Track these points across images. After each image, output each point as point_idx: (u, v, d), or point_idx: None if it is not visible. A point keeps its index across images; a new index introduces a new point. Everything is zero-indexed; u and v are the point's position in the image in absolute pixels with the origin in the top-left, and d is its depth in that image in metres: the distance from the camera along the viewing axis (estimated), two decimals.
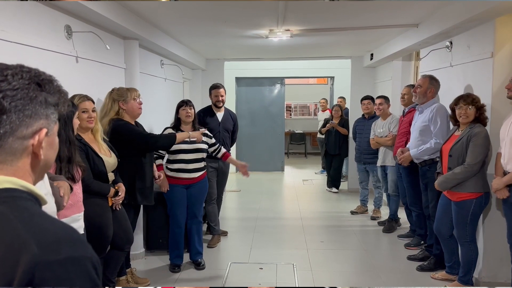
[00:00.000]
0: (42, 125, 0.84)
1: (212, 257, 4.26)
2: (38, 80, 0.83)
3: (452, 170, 3.24)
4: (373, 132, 5.21)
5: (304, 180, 8.40)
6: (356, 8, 3.61)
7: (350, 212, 5.84)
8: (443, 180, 3.29)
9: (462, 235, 3.31)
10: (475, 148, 3.14)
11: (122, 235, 2.96)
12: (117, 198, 2.91)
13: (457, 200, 3.26)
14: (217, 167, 4.56)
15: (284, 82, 9.32)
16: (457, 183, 3.21)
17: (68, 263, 0.72)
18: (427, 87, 3.85)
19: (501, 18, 3.17)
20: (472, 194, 3.19)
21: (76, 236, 0.79)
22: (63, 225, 0.81)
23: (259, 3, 3.45)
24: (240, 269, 3.92)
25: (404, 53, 5.49)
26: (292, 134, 11.94)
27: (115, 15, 3.24)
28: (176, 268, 3.85)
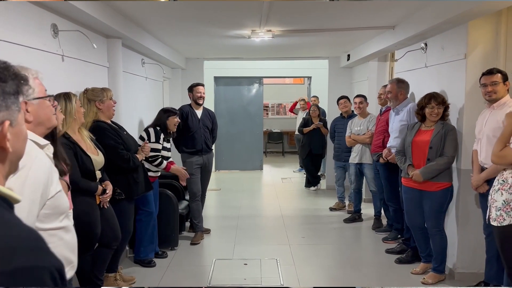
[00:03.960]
0: (3, 117, 0.80)
1: (196, 254, 4.31)
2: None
3: (436, 161, 3.42)
4: (350, 130, 5.36)
5: (283, 178, 8.52)
6: (336, 10, 3.73)
7: (329, 208, 6.00)
8: (427, 171, 3.45)
9: (435, 225, 3.50)
10: (453, 142, 3.42)
11: (109, 232, 2.98)
12: (104, 196, 2.93)
13: (436, 190, 3.45)
14: (202, 163, 4.61)
15: (262, 82, 9.42)
16: (439, 172, 3.42)
17: (18, 274, 0.67)
18: (396, 90, 4.09)
19: (474, 21, 3.35)
20: (447, 183, 3.46)
21: (34, 245, 0.74)
22: (21, 233, 0.75)
23: (244, 5, 3.53)
24: (225, 265, 3.98)
25: (380, 54, 5.66)
26: (270, 133, 12.06)
27: (100, 13, 3.25)
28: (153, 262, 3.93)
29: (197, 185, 4.60)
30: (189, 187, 4.63)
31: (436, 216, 3.50)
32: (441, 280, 3.54)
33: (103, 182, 2.96)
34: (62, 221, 1.49)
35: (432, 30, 3.72)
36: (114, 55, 3.99)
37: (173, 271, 3.85)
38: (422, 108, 3.55)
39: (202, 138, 4.58)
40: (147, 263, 3.90)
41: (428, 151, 3.48)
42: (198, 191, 4.61)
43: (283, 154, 12.29)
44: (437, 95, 3.51)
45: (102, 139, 3.11)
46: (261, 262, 4.01)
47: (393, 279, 3.68)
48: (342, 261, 4.16)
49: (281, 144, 12.32)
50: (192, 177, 4.55)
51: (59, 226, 1.48)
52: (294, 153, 11.79)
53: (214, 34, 4.89)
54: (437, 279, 3.54)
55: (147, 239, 3.89)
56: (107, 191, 2.94)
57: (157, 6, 3.57)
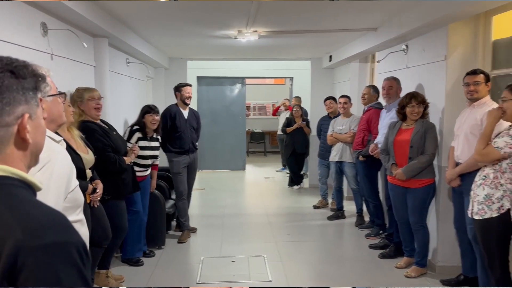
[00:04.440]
0: (23, 110, 0.85)
1: (184, 253, 4.34)
2: (11, 67, 0.85)
3: (417, 159, 3.55)
4: (332, 129, 5.48)
5: (266, 178, 8.60)
6: (321, 11, 3.82)
7: (313, 206, 6.11)
8: (410, 169, 3.58)
9: (418, 220, 3.63)
10: (433, 139, 3.56)
11: (100, 231, 2.98)
12: (95, 195, 2.93)
13: (419, 187, 3.58)
14: (188, 163, 4.64)
15: (245, 82, 9.48)
16: (421, 170, 3.55)
17: (51, 248, 0.73)
18: (396, 87, 4.18)
19: (453, 24, 3.50)
20: (430, 180, 3.59)
21: (62, 222, 0.81)
22: (51, 212, 0.82)
23: (232, 6, 3.58)
24: (213, 263, 4.02)
25: (362, 56, 5.81)
26: (252, 133, 12.13)
27: (88, 12, 3.25)
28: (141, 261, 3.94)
29: (184, 184, 4.62)
30: (175, 186, 4.65)
31: (419, 212, 3.63)
32: (423, 273, 3.68)
33: (93, 181, 2.97)
34: (78, 214, 1.53)
35: (413, 33, 3.86)
36: (100, 54, 3.98)
37: (161, 269, 3.86)
38: (403, 107, 3.68)
39: (189, 138, 4.61)
40: (135, 262, 3.91)
41: (409, 150, 3.60)
42: (184, 190, 4.64)
43: (265, 154, 12.38)
44: (417, 94, 3.65)
45: (89, 140, 3.10)
46: (248, 259, 4.07)
47: (377, 274, 3.80)
48: (327, 257, 4.26)
49: (263, 144, 12.40)
50: (179, 176, 4.57)
51: (77, 219, 1.52)
52: (276, 153, 11.89)
53: (201, 34, 4.92)
54: (420, 272, 3.67)
55: (135, 238, 3.89)
56: (97, 190, 2.95)
57: (145, 5, 3.58)
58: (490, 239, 2.61)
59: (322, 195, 6.16)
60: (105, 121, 3.51)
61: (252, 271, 3.81)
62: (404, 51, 4.35)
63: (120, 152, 3.47)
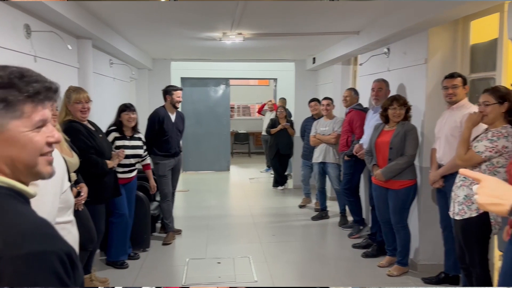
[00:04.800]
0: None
1: (169, 254, 4.34)
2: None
3: (395, 161, 3.62)
4: (315, 130, 5.55)
5: (250, 179, 8.63)
6: (305, 15, 3.87)
7: (298, 206, 6.19)
8: (388, 171, 3.66)
9: (399, 221, 3.71)
10: (413, 141, 3.60)
11: (85, 234, 2.94)
12: (79, 199, 2.91)
13: (399, 188, 3.65)
14: (173, 165, 4.63)
15: (229, 83, 9.49)
16: (400, 172, 3.61)
17: (30, 257, 0.73)
18: (385, 89, 4.24)
19: (433, 29, 3.59)
20: (410, 181, 3.65)
21: (44, 231, 0.80)
22: (34, 220, 0.82)
23: (217, 8, 3.60)
24: (198, 264, 4.03)
25: (345, 58, 5.89)
26: (236, 134, 12.15)
27: (72, 13, 3.22)
28: (125, 264, 3.92)
29: (169, 186, 4.62)
30: (160, 188, 4.64)
31: (400, 213, 3.70)
32: (405, 272, 3.76)
33: (78, 184, 2.95)
34: (70, 215, 1.54)
35: (394, 36, 3.94)
36: (84, 56, 3.95)
37: (146, 272, 3.86)
38: (385, 110, 3.75)
39: (175, 141, 4.61)
40: (119, 265, 3.89)
41: (388, 151, 3.68)
42: (169, 192, 4.63)
43: (249, 155, 12.41)
44: (399, 97, 3.73)
45: (73, 141, 3.07)
46: (234, 261, 4.09)
47: (360, 273, 3.87)
48: (312, 256, 4.31)
49: (247, 145, 12.43)
50: (164, 178, 4.57)
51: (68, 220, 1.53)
52: (260, 154, 11.93)
53: (185, 36, 4.92)
54: (402, 271, 3.75)
55: (120, 241, 3.87)
56: (82, 193, 2.93)
57: (129, 6, 3.57)
58: (470, 238, 2.69)
59: (306, 193, 6.26)
60: (93, 123, 3.49)
61: (238, 272, 3.84)
62: (386, 54, 4.44)
63: (105, 155, 3.45)
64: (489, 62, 3.38)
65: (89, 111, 3.32)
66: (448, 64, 3.64)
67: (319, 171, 5.52)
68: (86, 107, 3.28)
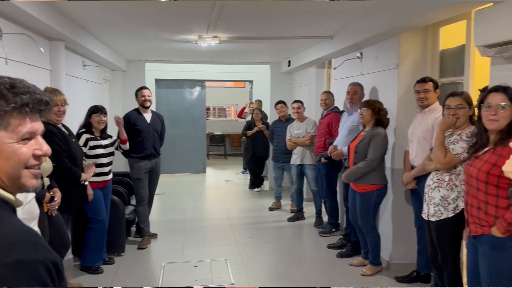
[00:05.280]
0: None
1: (144, 259, 4.30)
2: None
3: (356, 165, 3.72)
4: (289, 134, 5.62)
5: (226, 181, 8.63)
6: (280, 19, 3.92)
7: (268, 208, 6.23)
8: (349, 174, 3.78)
9: (365, 224, 3.79)
10: (375, 147, 3.66)
11: (59, 240, 2.92)
12: (52, 204, 2.87)
13: (362, 192, 3.74)
14: (150, 168, 4.59)
15: (204, 85, 9.47)
16: (360, 176, 3.70)
17: (16, 266, 0.74)
18: (360, 93, 4.34)
19: (404, 34, 3.70)
20: (373, 186, 3.71)
21: (30, 240, 0.80)
22: (20, 229, 0.82)
23: (193, 10, 3.60)
24: (175, 268, 4.01)
25: (319, 62, 5.99)
26: (212, 136, 12.12)
27: (44, 15, 3.16)
28: (100, 269, 3.87)
29: (145, 189, 4.58)
30: (136, 191, 4.60)
31: (364, 216, 3.77)
32: (378, 271, 3.84)
33: (51, 189, 2.90)
34: (34, 226, 1.51)
35: (367, 41, 4.04)
36: (57, 58, 3.88)
37: (122, 276, 3.81)
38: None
39: (151, 142, 4.56)
40: (94, 270, 3.84)
41: (354, 155, 3.78)
42: (145, 196, 4.59)
43: (225, 157, 12.40)
44: (368, 100, 3.84)
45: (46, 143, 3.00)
46: (211, 263, 4.10)
47: (335, 273, 3.94)
48: (288, 257, 4.36)
49: (223, 147, 12.42)
50: (140, 181, 4.52)
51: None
52: (236, 156, 11.96)
53: (160, 38, 4.89)
54: (375, 270, 3.83)
55: (97, 247, 3.82)
56: (56, 198, 2.89)
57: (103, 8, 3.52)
58: (445, 238, 2.75)
59: (277, 197, 6.31)
60: (67, 127, 3.43)
61: (215, 275, 3.84)
62: (359, 58, 4.54)
63: (76, 160, 3.38)
64: (457, 67, 3.51)
65: (64, 114, 3.27)
66: (419, 69, 3.76)
67: (297, 173, 5.58)
68: (62, 110, 3.23)
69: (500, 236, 2.07)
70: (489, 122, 2.19)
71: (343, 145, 4.32)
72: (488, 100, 2.19)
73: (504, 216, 2.07)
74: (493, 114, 2.16)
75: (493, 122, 2.17)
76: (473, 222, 2.27)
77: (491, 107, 2.17)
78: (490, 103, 2.17)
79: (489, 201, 2.16)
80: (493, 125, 2.18)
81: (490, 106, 2.17)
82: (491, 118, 2.17)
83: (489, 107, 2.18)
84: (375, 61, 4.23)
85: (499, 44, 2.28)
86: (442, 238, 2.78)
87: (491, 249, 2.15)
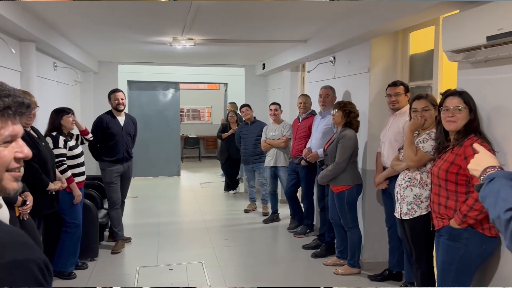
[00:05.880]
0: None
1: (118, 263, 4.24)
2: None
3: (327, 168, 3.83)
4: (265, 135, 5.66)
5: (201, 183, 8.60)
6: (255, 22, 3.96)
7: (244, 210, 6.25)
8: (321, 176, 3.91)
9: (345, 222, 3.87)
10: (341, 149, 3.74)
11: None
12: (24, 208, 2.80)
13: (336, 192, 3.84)
14: (122, 171, 4.53)
15: (178, 87, 9.40)
16: (331, 178, 3.80)
17: (12, 266, 0.74)
18: (332, 96, 4.42)
19: (376, 39, 3.81)
20: (344, 186, 3.79)
21: (22, 240, 0.81)
22: (9, 229, 0.83)
23: (168, 13, 3.60)
24: (150, 272, 3.97)
25: (293, 65, 6.07)
26: (186, 138, 12.04)
27: (15, 16, 3.10)
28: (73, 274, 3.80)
29: (117, 193, 4.51)
30: (108, 195, 4.53)
31: (343, 215, 3.85)
32: (354, 273, 3.86)
33: (22, 193, 2.83)
34: None
35: (339, 46, 4.13)
36: (27, 59, 3.80)
37: (95, 282, 3.74)
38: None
39: (124, 146, 4.49)
40: (66, 275, 3.75)
41: (325, 157, 3.87)
42: (118, 199, 4.52)
43: (199, 159, 12.34)
44: (338, 101, 3.94)
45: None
46: (186, 266, 4.08)
47: (310, 273, 4.00)
48: (264, 259, 4.39)
49: (197, 149, 12.35)
50: (112, 185, 4.46)
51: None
52: (211, 158, 11.92)
53: (134, 40, 4.84)
54: (349, 271, 3.86)
55: (70, 251, 3.74)
56: (27, 202, 2.82)
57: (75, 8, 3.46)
58: (419, 236, 2.83)
59: (251, 198, 6.35)
60: (36, 129, 3.35)
61: (191, 278, 3.83)
62: (332, 62, 4.63)
63: (46, 164, 3.30)
64: (427, 71, 3.63)
65: (34, 118, 3.19)
66: (390, 73, 3.87)
67: (270, 175, 5.63)
68: (32, 113, 3.15)
69: (457, 227, 2.31)
70: (447, 124, 2.40)
71: (318, 148, 4.38)
72: (446, 104, 2.40)
73: (461, 208, 2.30)
74: (451, 116, 2.37)
75: (451, 123, 2.38)
76: (436, 217, 2.49)
77: (449, 110, 2.37)
78: (448, 106, 2.38)
79: (450, 197, 2.39)
80: (451, 126, 2.39)
81: (448, 109, 2.38)
82: (449, 119, 2.38)
83: (447, 110, 2.39)
84: (348, 65, 4.32)
85: (466, 49, 2.38)
86: (416, 236, 2.85)
87: (448, 238, 2.38)
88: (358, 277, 3.84)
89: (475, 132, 2.35)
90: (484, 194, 1.24)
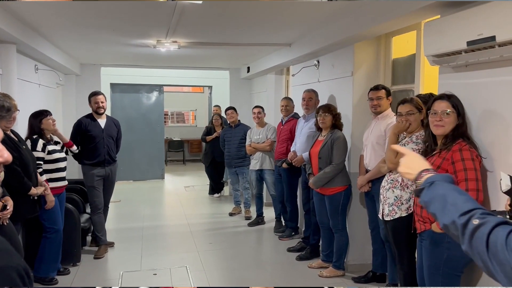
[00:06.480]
0: None
1: (101, 268, 4.18)
2: None
3: (323, 170, 3.80)
4: (249, 139, 5.67)
5: (186, 187, 8.55)
6: (240, 26, 3.97)
7: (229, 214, 6.24)
8: (317, 180, 3.84)
9: (335, 224, 3.89)
10: (338, 150, 3.77)
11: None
12: (4, 213, 2.75)
13: (330, 194, 3.83)
14: (104, 175, 4.47)
15: (162, 90, 9.34)
16: (328, 180, 3.79)
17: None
18: (315, 99, 4.45)
19: (359, 43, 3.86)
20: (340, 187, 3.81)
21: (1, 247, 0.81)
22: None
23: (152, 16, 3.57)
24: (133, 277, 3.92)
25: (278, 68, 6.09)
26: (170, 141, 11.96)
27: None
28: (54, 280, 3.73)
29: (99, 197, 4.45)
30: (90, 200, 4.46)
31: (334, 217, 3.86)
32: (339, 275, 3.88)
33: (2, 197, 2.77)
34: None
35: (323, 50, 4.17)
36: (7, 61, 3.73)
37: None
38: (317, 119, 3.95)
39: (105, 149, 4.43)
40: (48, 281, 3.68)
41: (318, 161, 3.87)
42: (100, 204, 4.46)
43: (184, 163, 12.26)
44: (325, 105, 3.96)
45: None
46: (171, 271, 4.04)
47: (295, 275, 4.01)
48: (249, 262, 4.39)
49: (181, 153, 12.28)
50: (94, 189, 4.39)
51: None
52: (195, 161, 11.86)
53: (117, 42, 4.80)
54: (334, 273, 3.89)
55: (52, 257, 3.67)
56: (8, 207, 2.77)
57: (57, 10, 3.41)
58: (400, 237, 2.87)
59: (236, 201, 6.35)
60: (16, 133, 3.29)
61: (175, 283, 3.80)
62: (316, 66, 4.67)
63: (28, 168, 3.24)
64: (408, 75, 3.69)
65: (14, 121, 3.13)
66: (372, 77, 3.92)
67: (256, 178, 5.64)
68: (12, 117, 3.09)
69: (439, 232, 2.25)
70: (435, 128, 2.37)
71: (303, 151, 4.40)
72: (434, 107, 2.38)
73: None
74: (439, 120, 2.34)
75: (439, 127, 2.35)
76: (418, 220, 2.46)
77: (437, 114, 2.35)
78: (436, 110, 2.36)
79: None
80: (439, 130, 2.36)
81: (436, 112, 2.36)
82: (437, 123, 2.36)
83: (435, 114, 2.36)
84: (331, 68, 4.36)
85: (446, 54, 2.42)
86: (398, 237, 2.89)
87: (430, 243, 2.37)
88: (342, 279, 3.86)
89: (463, 136, 2.32)
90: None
